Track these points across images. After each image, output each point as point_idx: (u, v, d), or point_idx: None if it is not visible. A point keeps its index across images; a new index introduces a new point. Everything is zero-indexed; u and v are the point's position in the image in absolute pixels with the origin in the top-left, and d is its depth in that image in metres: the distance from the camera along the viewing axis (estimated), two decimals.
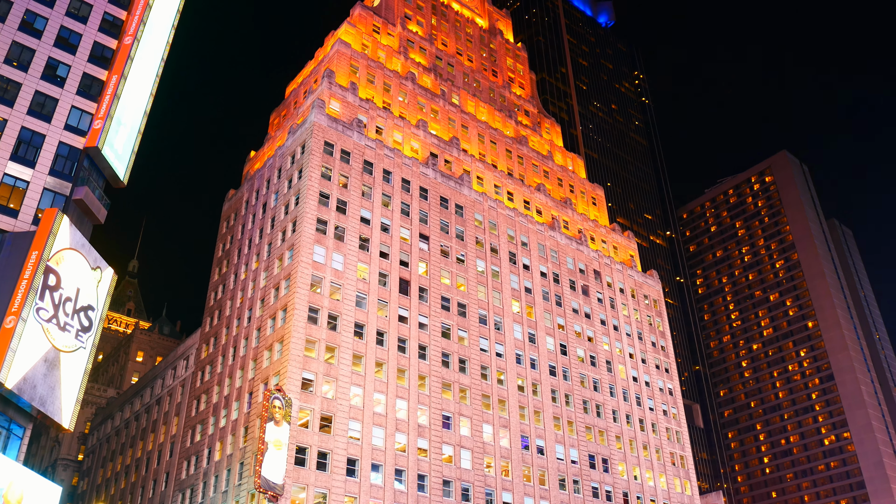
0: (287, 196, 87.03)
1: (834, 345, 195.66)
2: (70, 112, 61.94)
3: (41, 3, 64.61)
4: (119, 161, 63.14)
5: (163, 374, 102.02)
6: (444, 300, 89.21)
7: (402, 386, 79.48)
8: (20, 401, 50.02)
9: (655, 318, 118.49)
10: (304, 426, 70.35)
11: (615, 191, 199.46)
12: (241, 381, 79.72)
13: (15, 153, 57.81)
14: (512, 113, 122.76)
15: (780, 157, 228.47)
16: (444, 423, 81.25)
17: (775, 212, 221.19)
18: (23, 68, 61.30)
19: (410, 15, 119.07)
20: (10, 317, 49.33)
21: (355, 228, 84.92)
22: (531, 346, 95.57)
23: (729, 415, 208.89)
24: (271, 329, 77.96)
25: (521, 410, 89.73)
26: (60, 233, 53.62)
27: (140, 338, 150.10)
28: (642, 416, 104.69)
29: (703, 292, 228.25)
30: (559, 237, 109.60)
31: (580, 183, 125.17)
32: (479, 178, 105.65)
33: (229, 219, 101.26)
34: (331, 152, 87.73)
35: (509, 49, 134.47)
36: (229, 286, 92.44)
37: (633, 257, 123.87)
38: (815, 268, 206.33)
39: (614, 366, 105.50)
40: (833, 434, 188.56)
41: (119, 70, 64.02)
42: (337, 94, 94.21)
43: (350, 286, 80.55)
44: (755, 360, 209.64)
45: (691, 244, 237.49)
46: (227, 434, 77.14)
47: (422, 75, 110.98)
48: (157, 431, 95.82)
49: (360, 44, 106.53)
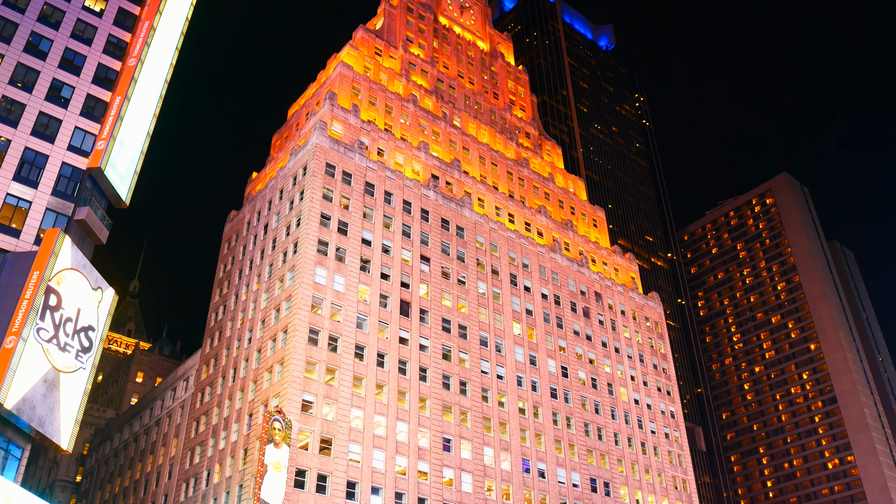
0: (288, 217, 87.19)
1: (836, 367, 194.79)
2: (73, 133, 62.25)
3: (47, 25, 65.19)
4: (121, 182, 63.36)
5: (162, 395, 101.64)
6: (445, 322, 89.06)
7: (403, 408, 79.13)
8: (19, 421, 49.83)
9: (657, 341, 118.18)
10: (304, 448, 69.98)
11: (616, 213, 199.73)
12: (240, 402, 79.40)
13: (18, 173, 58.03)
14: (513, 135, 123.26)
15: (780, 178, 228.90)
16: (444, 446, 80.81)
17: (776, 234, 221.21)
18: (27, 89, 61.69)
19: (412, 38, 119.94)
20: (11, 337, 49.26)
21: (356, 250, 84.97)
22: (532, 368, 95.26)
23: (731, 438, 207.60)
24: (272, 350, 77.77)
25: (523, 433, 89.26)
26: (62, 253, 53.69)
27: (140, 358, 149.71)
28: (644, 440, 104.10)
29: (704, 314, 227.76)
30: (560, 259, 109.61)
31: (581, 205, 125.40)
32: (480, 199, 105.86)
33: (231, 240, 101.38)
34: (332, 174, 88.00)
35: (510, 72, 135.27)
36: (230, 307, 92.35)
37: (635, 279, 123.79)
38: (817, 290, 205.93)
39: (616, 388, 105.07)
40: (836, 458, 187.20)
41: (123, 91, 64.43)
42: (339, 116, 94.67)
43: (351, 308, 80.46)
44: (757, 383, 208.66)
45: (692, 266, 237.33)
46: (227, 456, 76.71)
47: (423, 98, 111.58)
48: (157, 453, 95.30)
49: (363, 66, 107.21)
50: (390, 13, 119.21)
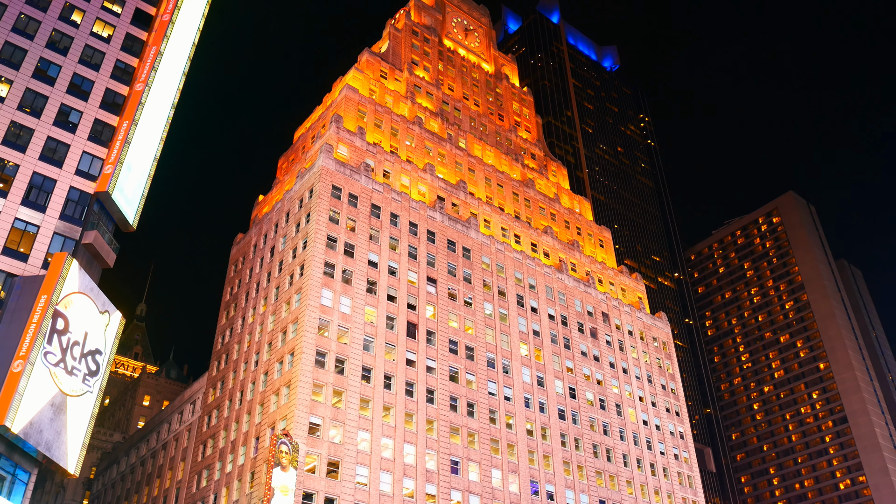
0: (295, 240, 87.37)
1: (846, 386, 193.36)
2: (81, 157, 62.62)
3: (55, 51, 65.81)
4: (128, 205, 63.65)
5: (169, 418, 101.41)
6: (452, 343, 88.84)
7: (410, 430, 78.76)
8: (26, 445, 49.74)
9: (665, 361, 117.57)
10: (312, 471, 69.63)
11: (622, 233, 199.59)
12: (247, 425, 79.16)
13: (26, 198, 58.35)
14: (518, 156, 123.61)
15: (786, 197, 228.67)
16: (452, 468, 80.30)
17: (783, 252, 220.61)
18: (35, 114, 62.18)
19: (417, 61, 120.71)
20: (18, 361, 49.30)
21: (363, 272, 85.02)
22: (540, 389, 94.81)
23: (741, 458, 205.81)
24: (278, 373, 77.62)
25: (531, 455, 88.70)
26: (69, 277, 53.83)
27: (147, 382, 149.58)
28: (653, 461, 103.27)
29: (712, 334, 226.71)
30: (567, 280, 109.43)
31: (587, 225, 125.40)
32: (486, 221, 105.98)
33: (237, 262, 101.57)
34: (338, 196, 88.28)
35: (515, 93, 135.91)
36: (237, 330, 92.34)
37: (642, 299, 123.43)
38: (826, 308, 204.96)
39: (624, 409, 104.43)
40: (848, 478, 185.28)
41: (130, 116, 64.88)
42: (345, 139, 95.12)
43: (357, 329, 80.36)
44: (767, 403, 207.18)
45: (700, 286, 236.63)
46: (234, 479, 76.34)
47: (429, 119, 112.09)
48: (163, 477, 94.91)
49: (368, 89, 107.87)
50: (395, 36, 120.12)
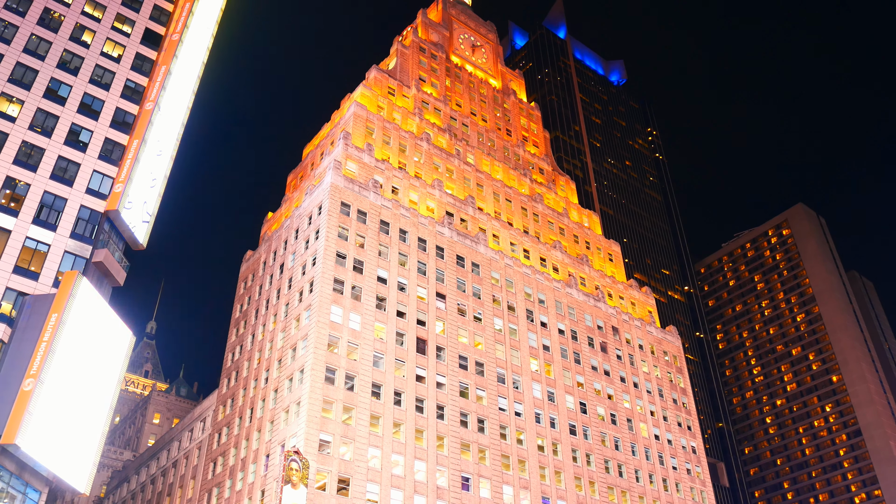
0: (304, 256, 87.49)
1: (860, 399, 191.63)
2: (91, 176, 62.96)
3: (66, 70, 66.38)
4: (138, 223, 63.85)
5: (179, 436, 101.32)
6: (462, 359, 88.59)
7: (421, 447, 78.43)
8: (36, 464, 49.73)
9: (676, 375, 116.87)
10: (322, 489, 69.35)
11: (631, 247, 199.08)
12: (257, 443, 78.99)
13: (37, 217, 58.65)
14: (526, 171, 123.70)
15: (796, 209, 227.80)
16: (463, 485, 79.84)
17: (794, 265, 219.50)
18: (46, 134, 62.62)
19: (425, 77, 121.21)
20: (29, 379, 49.39)
21: (372, 288, 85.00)
22: (550, 404, 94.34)
23: (755, 473, 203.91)
24: (288, 390, 77.50)
25: (542, 470, 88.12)
26: (80, 295, 53.99)
27: (157, 399, 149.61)
28: (665, 476, 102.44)
29: (723, 347, 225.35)
30: (576, 294, 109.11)
31: (596, 239, 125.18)
32: (495, 236, 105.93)
33: (247, 279, 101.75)
34: (347, 212, 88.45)
35: (523, 108, 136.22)
36: (246, 347, 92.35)
37: (652, 313, 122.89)
38: (837, 321, 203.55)
39: (635, 424, 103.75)
40: (863, 492, 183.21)
41: (140, 135, 65.26)
42: (353, 155, 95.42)
43: (367, 346, 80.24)
44: (780, 416, 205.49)
45: (710, 299, 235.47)
46: (244, 497, 76.09)
47: (437, 135, 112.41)
48: (174, 495, 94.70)
49: (376, 105, 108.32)
50: (403, 53, 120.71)
